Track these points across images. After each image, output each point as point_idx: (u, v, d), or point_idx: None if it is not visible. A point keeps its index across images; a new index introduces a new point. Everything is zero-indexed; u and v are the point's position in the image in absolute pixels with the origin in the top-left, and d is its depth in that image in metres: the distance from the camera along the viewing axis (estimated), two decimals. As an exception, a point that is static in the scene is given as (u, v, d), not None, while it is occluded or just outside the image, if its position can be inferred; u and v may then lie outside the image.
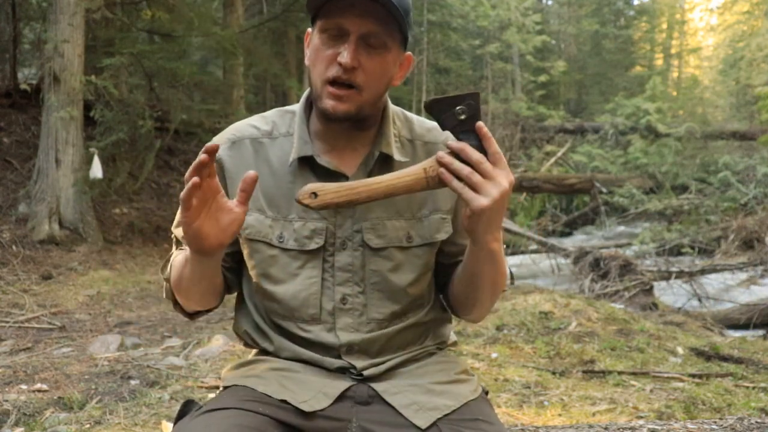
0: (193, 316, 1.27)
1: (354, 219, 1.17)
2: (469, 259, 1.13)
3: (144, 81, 8.85)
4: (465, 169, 0.98)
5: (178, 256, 1.18)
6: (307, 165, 1.18)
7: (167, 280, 1.22)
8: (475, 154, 0.99)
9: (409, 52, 1.20)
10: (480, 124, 1.00)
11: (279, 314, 1.20)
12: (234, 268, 1.27)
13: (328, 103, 1.11)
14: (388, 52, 1.12)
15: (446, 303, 1.29)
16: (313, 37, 1.15)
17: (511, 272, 1.29)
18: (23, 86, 9.14)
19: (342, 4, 1.07)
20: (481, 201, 0.98)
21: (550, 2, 29.50)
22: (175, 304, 1.23)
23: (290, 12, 10.97)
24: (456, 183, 0.99)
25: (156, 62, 8.30)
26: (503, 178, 0.99)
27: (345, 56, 1.07)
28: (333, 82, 1.10)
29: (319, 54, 1.12)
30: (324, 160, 1.17)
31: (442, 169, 1.00)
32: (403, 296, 1.19)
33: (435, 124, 1.28)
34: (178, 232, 1.23)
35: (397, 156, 1.19)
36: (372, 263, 1.17)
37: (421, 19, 17.68)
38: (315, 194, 0.99)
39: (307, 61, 1.19)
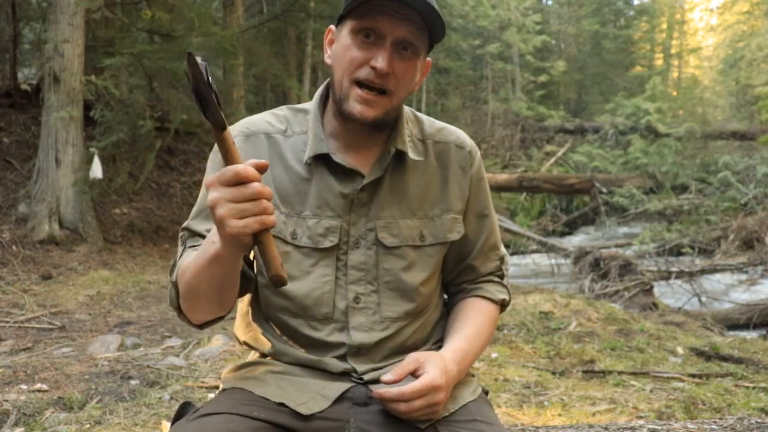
0: (201, 326, 1.17)
1: (368, 217, 1.17)
2: None
3: (144, 81, 8.84)
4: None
5: (190, 255, 1.09)
6: (323, 163, 1.17)
7: (174, 284, 1.11)
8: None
9: (428, 59, 1.20)
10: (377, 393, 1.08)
11: (290, 312, 1.18)
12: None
13: (356, 108, 1.10)
14: (417, 58, 1.12)
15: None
16: (341, 36, 1.13)
17: (504, 300, 1.30)
18: (23, 86, 9.15)
19: (378, 7, 1.06)
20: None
21: (550, 2, 29.48)
22: (180, 312, 1.14)
23: (290, 12, 10.97)
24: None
25: (156, 62, 8.29)
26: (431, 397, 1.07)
27: (381, 61, 1.07)
28: (362, 84, 1.10)
29: (348, 53, 1.10)
30: (339, 158, 1.16)
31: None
32: (416, 295, 1.19)
33: (444, 124, 1.29)
34: (195, 223, 1.17)
35: (412, 155, 1.19)
36: (385, 262, 1.17)
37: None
38: None
39: (329, 60, 1.17)
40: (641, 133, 16.72)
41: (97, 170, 7.57)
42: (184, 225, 1.20)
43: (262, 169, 0.91)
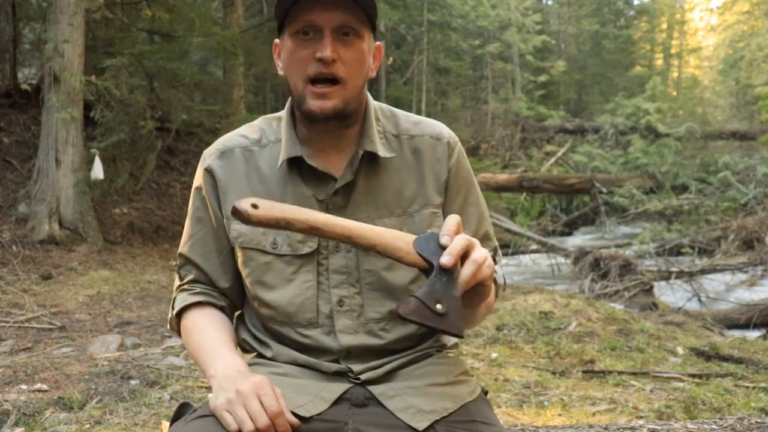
0: None
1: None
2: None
3: (144, 81, 8.85)
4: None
5: (199, 325, 1.22)
6: (296, 168, 1.18)
7: (176, 321, 1.27)
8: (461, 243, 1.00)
9: (378, 42, 1.21)
10: (444, 261, 0.98)
11: (276, 321, 1.19)
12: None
13: (314, 104, 1.11)
14: (362, 40, 1.13)
15: None
16: (285, 43, 1.15)
17: (504, 279, 1.29)
18: (23, 86, 9.14)
19: (308, 3, 1.08)
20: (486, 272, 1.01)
21: (550, 2, 29.49)
22: (179, 334, 1.29)
23: (290, 12, 10.95)
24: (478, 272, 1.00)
25: (156, 62, 8.30)
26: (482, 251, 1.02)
27: (324, 51, 1.08)
28: (315, 80, 1.11)
29: (294, 56, 1.12)
30: (312, 161, 1.17)
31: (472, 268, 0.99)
32: (402, 294, 1.17)
33: (423, 118, 1.29)
34: (186, 250, 1.26)
35: (382, 152, 1.18)
36: (366, 263, 1.17)
37: (421, 19, 17.66)
38: (255, 206, 0.98)
39: (281, 71, 1.19)
40: (641, 133, 16.72)
41: (98, 171, 7.58)
42: (179, 251, 1.28)
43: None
